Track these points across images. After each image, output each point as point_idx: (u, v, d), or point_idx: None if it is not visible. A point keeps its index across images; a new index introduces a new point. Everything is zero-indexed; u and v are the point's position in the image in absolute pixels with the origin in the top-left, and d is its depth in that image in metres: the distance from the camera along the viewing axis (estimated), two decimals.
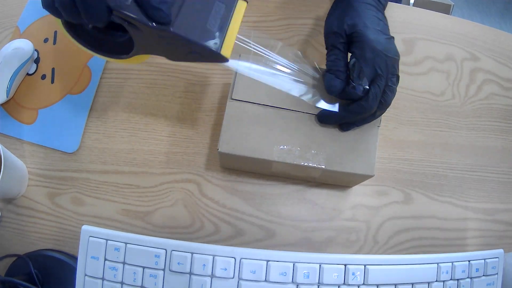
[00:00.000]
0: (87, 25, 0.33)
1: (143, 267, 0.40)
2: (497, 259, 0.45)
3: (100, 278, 0.40)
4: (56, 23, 0.34)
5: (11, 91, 0.49)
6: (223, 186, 0.49)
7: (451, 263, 0.43)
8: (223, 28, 0.33)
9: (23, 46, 0.50)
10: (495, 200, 0.53)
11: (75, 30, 0.35)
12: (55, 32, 0.54)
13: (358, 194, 0.50)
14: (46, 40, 0.53)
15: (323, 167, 0.41)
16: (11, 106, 0.51)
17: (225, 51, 0.33)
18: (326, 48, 0.44)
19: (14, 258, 0.45)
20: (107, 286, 0.40)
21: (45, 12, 0.54)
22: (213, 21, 0.33)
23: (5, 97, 0.49)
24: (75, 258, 0.45)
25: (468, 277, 0.44)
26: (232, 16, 0.34)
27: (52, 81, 0.52)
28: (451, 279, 0.43)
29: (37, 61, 0.52)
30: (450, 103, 0.56)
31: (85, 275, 0.40)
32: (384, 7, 0.45)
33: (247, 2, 0.36)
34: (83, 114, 0.50)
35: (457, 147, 0.54)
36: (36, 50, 0.53)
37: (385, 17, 0.44)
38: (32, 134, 0.50)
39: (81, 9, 0.29)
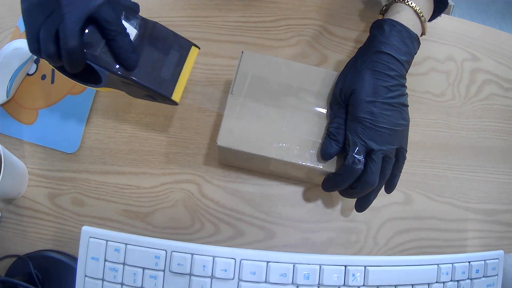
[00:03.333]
0: None
1: (143, 268, 0.40)
2: (497, 260, 0.45)
3: (100, 279, 0.40)
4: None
5: (11, 91, 0.49)
6: (223, 187, 0.49)
7: (451, 264, 0.43)
8: (175, 75, 0.40)
9: (23, 46, 0.50)
10: (496, 201, 0.53)
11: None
12: None
13: None
14: None
15: (321, 167, 0.41)
16: (11, 106, 0.51)
17: (176, 96, 0.39)
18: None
19: (14, 259, 0.45)
20: (107, 287, 0.40)
21: None
22: (167, 69, 0.39)
23: (5, 97, 0.49)
24: (75, 259, 0.45)
25: (468, 278, 0.44)
26: (184, 63, 0.40)
27: (52, 81, 0.52)
28: (451, 280, 0.43)
29: (37, 61, 0.52)
30: (450, 104, 0.56)
31: (85, 276, 0.40)
32: (405, 68, 0.42)
33: (199, 48, 0.41)
34: (83, 114, 0.50)
35: (457, 147, 0.54)
36: None
37: (401, 83, 0.41)
38: (32, 134, 0.50)
39: (65, 63, 0.34)
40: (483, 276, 0.44)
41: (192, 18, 0.55)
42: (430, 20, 0.49)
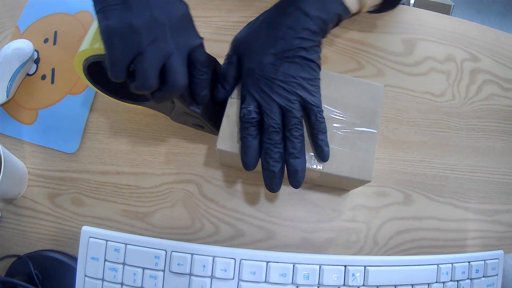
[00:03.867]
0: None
1: (143, 268, 0.40)
2: (497, 260, 0.45)
3: (100, 279, 0.40)
4: (77, 71, 0.38)
5: (11, 91, 0.49)
6: (223, 187, 0.49)
7: (451, 264, 0.43)
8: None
9: (23, 46, 0.50)
10: (496, 201, 0.53)
11: (97, 80, 0.39)
12: (55, 32, 0.54)
13: (358, 195, 0.50)
14: (46, 40, 0.53)
15: (321, 169, 0.41)
16: (11, 106, 0.51)
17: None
18: None
19: (14, 259, 0.45)
20: (107, 287, 0.40)
21: (45, 12, 0.55)
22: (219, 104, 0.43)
23: (5, 98, 0.49)
24: (75, 259, 0.45)
25: (468, 278, 0.44)
26: None
27: (52, 81, 0.52)
28: (451, 280, 0.43)
29: (37, 61, 0.52)
30: (450, 104, 0.56)
31: (85, 276, 0.40)
32: (316, 23, 0.39)
33: None
34: (83, 114, 0.50)
35: (457, 148, 0.54)
36: (36, 50, 0.53)
37: (305, 37, 0.39)
38: (32, 135, 0.50)
39: (161, 97, 0.35)
40: (483, 276, 0.44)
41: None
42: (376, 11, 0.50)
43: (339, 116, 0.43)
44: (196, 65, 0.36)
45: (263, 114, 0.39)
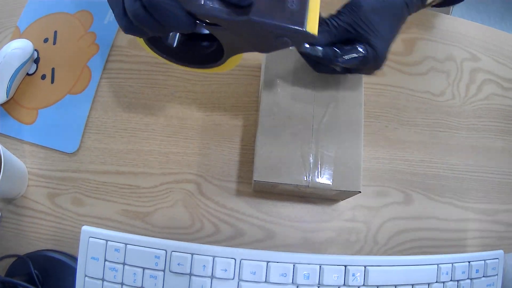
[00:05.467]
0: (171, 40, 0.33)
1: (143, 268, 0.40)
2: (497, 260, 0.45)
3: (100, 279, 0.40)
4: (140, 43, 0.34)
5: (11, 91, 0.49)
6: (223, 187, 0.49)
7: (451, 264, 0.43)
8: (304, 3, 0.31)
9: (23, 46, 0.50)
10: (495, 201, 0.53)
11: (160, 47, 0.35)
12: (55, 32, 0.54)
13: (358, 194, 0.50)
14: (46, 40, 0.53)
15: (307, 185, 0.41)
16: (11, 106, 0.51)
17: (311, 27, 0.31)
18: None
19: (14, 258, 0.45)
20: (107, 287, 0.40)
21: (45, 12, 0.55)
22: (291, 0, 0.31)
23: (5, 97, 0.49)
24: (75, 259, 0.45)
25: (468, 278, 0.44)
26: None
27: (52, 81, 0.52)
28: (451, 280, 0.43)
29: (37, 61, 0.52)
30: (450, 103, 0.56)
31: (85, 275, 0.40)
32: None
33: None
34: (83, 114, 0.50)
35: (457, 147, 0.54)
36: (36, 50, 0.52)
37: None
38: (32, 134, 0.50)
39: (159, 18, 0.29)
40: (483, 276, 0.44)
41: None
42: (441, 5, 0.49)
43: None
44: None
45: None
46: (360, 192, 0.42)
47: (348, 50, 0.38)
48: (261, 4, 0.30)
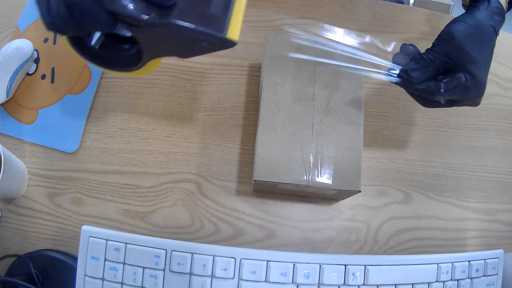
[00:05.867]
0: (92, 41, 0.33)
1: (143, 268, 0.40)
2: (497, 259, 0.45)
3: (100, 279, 0.40)
4: (63, 42, 0.34)
5: (11, 91, 0.49)
6: (223, 186, 0.49)
7: (451, 264, 0.43)
8: (226, 8, 0.30)
9: (23, 46, 0.50)
10: (495, 200, 0.53)
11: (82, 48, 0.34)
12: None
13: (358, 194, 0.50)
14: (46, 40, 0.53)
15: (308, 185, 0.41)
16: (11, 106, 0.51)
17: (232, 33, 0.29)
18: None
19: (14, 258, 0.45)
20: (107, 286, 0.40)
21: None
22: (215, 3, 0.29)
23: (5, 97, 0.49)
24: (75, 258, 0.45)
25: (468, 278, 0.44)
26: None
27: (52, 81, 0.52)
28: (451, 279, 0.43)
29: (37, 61, 0.52)
30: None
31: (85, 275, 0.40)
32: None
33: None
34: (83, 114, 0.50)
35: (457, 147, 0.54)
36: (36, 50, 0.53)
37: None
38: (32, 134, 0.50)
39: (78, 15, 0.29)
40: (483, 275, 0.44)
41: None
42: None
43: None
44: None
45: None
46: (360, 191, 0.42)
47: (448, 82, 0.39)
48: (183, 6, 0.29)
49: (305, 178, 0.41)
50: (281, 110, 0.43)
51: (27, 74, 0.52)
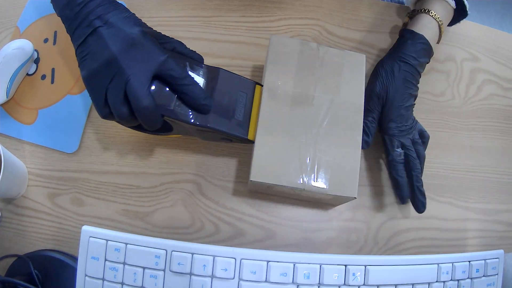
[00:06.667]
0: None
1: (144, 268, 0.40)
2: (497, 259, 0.45)
3: (100, 279, 0.40)
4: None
5: (11, 91, 0.49)
6: (223, 186, 0.49)
7: (451, 264, 0.43)
8: (246, 115, 0.42)
9: (23, 46, 0.50)
10: (495, 201, 0.53)
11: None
12: (55, 32, 0.54)
13: (358, 194, 0.50)
14: (46, 40, 0.53)
15: (303, 188, 0.41)
16: (11, 106, 0.51)
17: (251, 135, 0.42)
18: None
19: (14, 258, 0.45)
20: (107, 286, 0.39)
21: (45, 12, 0.55)
22: (239, 111, 0.41)
23: (5, 97, 0.49)
24: (75, 259, 0.45)
25: (468, 278, 0.44)
26: (252, 102, 0.43)
27: (52, 81, 0.52)
28: (451, 280, 0.43)
29: (37, 61, 0.52)
30: (450, 104, 0.56)
31: (86, 275, 0.40)
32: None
33: (262, 86, 0.44)
34: (83, 114, 0.50)
35: (457, 147, 0.54)
36: (36, 50, 0.52)
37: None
38: (32, 134, 0.50)
39: (143, 122, 0.37)
40: (483, 276, 0.44)
41: (192, 18, 0.55)
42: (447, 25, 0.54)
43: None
44: (169, 78, 0.37)
45: (407, 150, 0.48)
46: (355, 198, 0.42)
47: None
48: (216, 113, 0.40)
49: (301, 182, 0.41)
50: (281, 112, 0.43)
51: (27, 74, 0.52)
